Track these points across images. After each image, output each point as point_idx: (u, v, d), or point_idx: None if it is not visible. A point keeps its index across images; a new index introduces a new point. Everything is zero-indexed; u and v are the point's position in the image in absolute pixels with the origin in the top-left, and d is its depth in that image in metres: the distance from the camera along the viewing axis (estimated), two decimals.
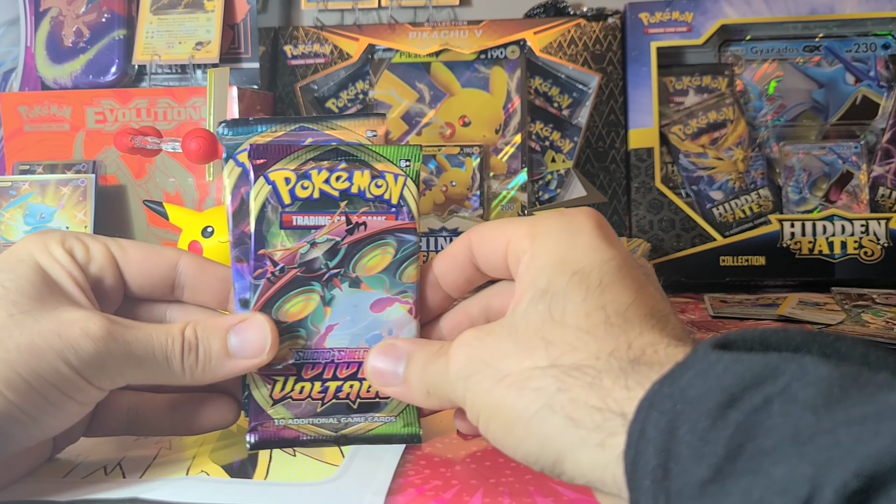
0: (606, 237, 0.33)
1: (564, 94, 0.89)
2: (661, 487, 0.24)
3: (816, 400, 0.22)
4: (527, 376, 0.30)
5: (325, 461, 0.38)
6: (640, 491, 0.25)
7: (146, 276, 0.38)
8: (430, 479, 0.36)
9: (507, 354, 0.31)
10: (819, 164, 0.83)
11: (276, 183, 0.38)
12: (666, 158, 0.86)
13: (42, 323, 0.33)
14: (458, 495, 0.34)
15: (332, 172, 0.38)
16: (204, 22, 0.87)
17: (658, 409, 0.25)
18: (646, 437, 0.25)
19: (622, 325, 0.30)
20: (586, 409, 0.28)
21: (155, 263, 0.39)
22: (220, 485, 0.36)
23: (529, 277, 0.32)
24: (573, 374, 0.29)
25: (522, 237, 0.34)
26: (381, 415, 0.39)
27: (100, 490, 0.35)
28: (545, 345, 0.30)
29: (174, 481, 0.36)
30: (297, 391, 0.39)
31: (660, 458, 0.24)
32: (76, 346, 0.33)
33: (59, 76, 0.88)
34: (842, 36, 0.86)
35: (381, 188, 0.38)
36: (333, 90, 0.92)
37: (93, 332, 0.33)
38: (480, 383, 0.31)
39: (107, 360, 0.34)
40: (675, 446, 0.24)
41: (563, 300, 0.31)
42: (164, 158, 0.82)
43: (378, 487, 0.35)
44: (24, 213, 0.79)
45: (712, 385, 0.24)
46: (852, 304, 0.71)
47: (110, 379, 0.34)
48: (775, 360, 0.24)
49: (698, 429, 0.23)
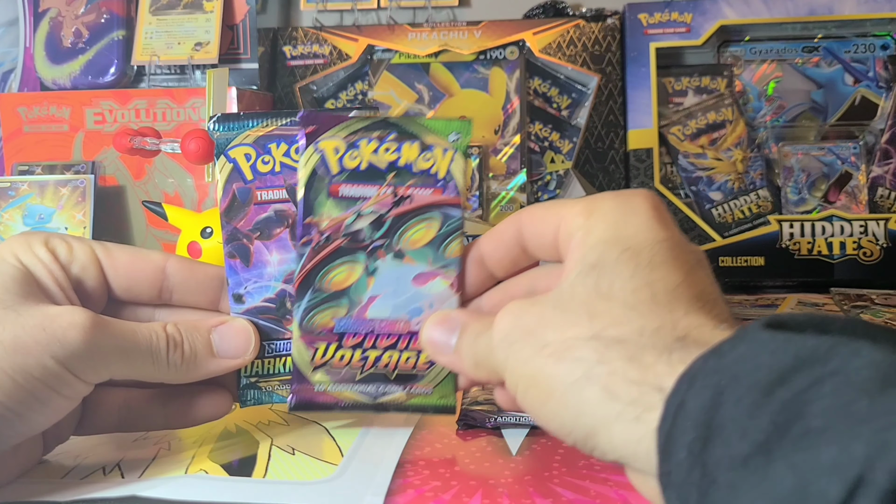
0: (662, 218, 0.33)
1: (563, 94, 0.89)
2: (698, 459, 0.23)
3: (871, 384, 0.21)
4: (568, 346, 0.30)
5: (325, 460, 0.38)
6: (672, 462, 0.24)
7: (131, 279, 0.39)
8: (429, 480, 0.36)
9: (550, 324, 0.31)
10: (818, 165, 0.84)
11: (324, 151, 0.38)
12: (665, 159, 0.86)
13: (25, 318, 0.33)
14: (457, 496, 0.34)
15: (381, 143, 0.38)
16: (203, 23, 0.87)
17: (701, 382, 0.24)
18: (685, 409, 0.24)
19: (669, 303, 0.30)
20: (624, 383, 0.27)
21: (140, 267, 0.39)
22: (220, 483, 0.36)
23: (580, 253, 0.32)
24: (614, 347, 0.28)
25: (576, 215, 0.33)
26: (419, 385, 0.39)
27: (99, 490, 0.35)
28: (589, 317, 0.30)
29: (173, 479, 0.36)
30: (338, 359, 0.39)
31: (699, 431, 0.23)
32: (62, 339, 0.33)
33: (58, 77, 0.88)
34: (841, 37, 0.86)
35: (430, 161, 0.38)
36: (332, 91, 0.92)
37: (79, 322, 0.33)
38: (521, 351, 0.31)
39: (93, 352, 0.34)
40: (717, 420, 0.23)
41: (610, 275, 0.31)
42: (163, 159, 0.82)
43: (377, 488, 0.35)
44: (23, 213, 0.79)
45: (762, 362, 0.23)
46: (851, 304, 0.71)
47: (96, 372, 0.34)
48: (828, 342, 0.23)
49: (744, 404, 0.23)
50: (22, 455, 0.37)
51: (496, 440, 0.41)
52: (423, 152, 0.38)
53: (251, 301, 0.39)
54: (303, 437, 0.42)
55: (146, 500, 0.35)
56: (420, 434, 0.42)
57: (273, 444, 0.41)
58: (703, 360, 0.25)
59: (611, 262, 0.31)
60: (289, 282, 0.39)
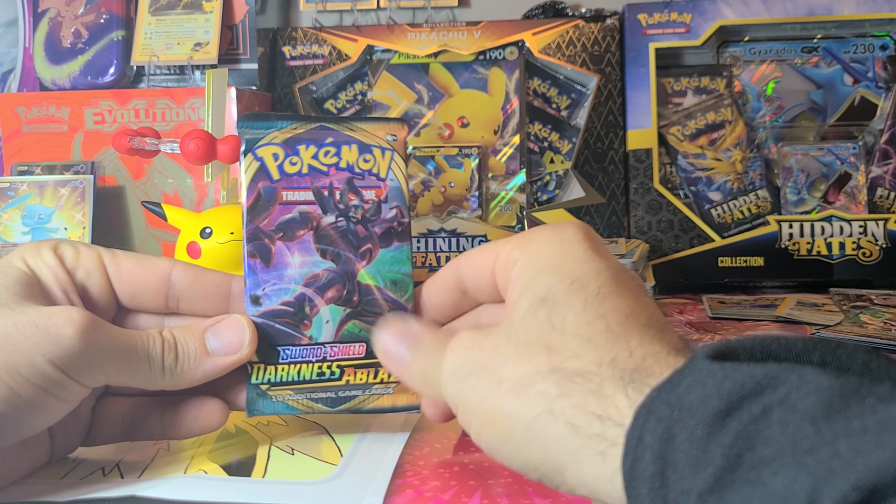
0: (597, 248, 0.33)
1: (563, 94, 0.89)
2: (658, 496, 0.23)
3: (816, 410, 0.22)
4: (527, 381, 0.29)
5: (324, 460, 0.38)
6: (637, 499, 0.24)
7: (136, 286, 0.38)
8: (428, 480, 0.36)
9: (506, 359, 0.30)
10: (817, 165, 0.84)
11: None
12: (664, 159, 0.86)
13: (19, 315, 0.33)
14: (456, 496, 0.34)
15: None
16: (202, 23, 0.87)
17: (655, 415, 0.25)
18: (643, 443, 0.24)
19: (623, 333, 0.29)
20: (587, 416, 0.27)
21: (145, 273, 0.38)
22: (219, 483, 0.36)
23: (524, 283, 0.32)
24: (576, 379, 0.28)
25: (511, 249, 0.34)
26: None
27: (98, 490, 0.35)
28: (547, 351, 0.30)
29: (172, 479, 0.36)
30: None
31: (657, 466, 0.24)
32: (55, 337, 0.32)
33: (57, 77, 0.88)
34: (840, 37, 0.86)
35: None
36: (332, 91, 0.92)
37: (75, 320, 0.33)
38: (476, 387, 0.31)
39: (87, 352, 0.33)
40: (672, 454, 0.23)
41: (562, 308, 0.31)
42: (163, 159, 0.82)
43: (377, 488, 0.35)
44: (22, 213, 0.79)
45: (710, 392, 0.24)
46: (850, 304, 0.71)
47: (90, 373, 0.34)
48: (775, 370, 0.23)
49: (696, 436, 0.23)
50: (25, 459, 0.37)
51: None
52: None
53: (268, 303, 0.38)
54: (302, 438, 0.42)
55: (145, 500, 0.34)
56: (419, 434, 0.42)
57: (272, 444, 0.41)
58: (656, 391, 0.25)
59: (560, 294, 0.31)
60: (309, 285, 0.38)
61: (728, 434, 0.22)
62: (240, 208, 0.39)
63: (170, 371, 0.36)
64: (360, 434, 0.42)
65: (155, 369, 0.36)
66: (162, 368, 0.36)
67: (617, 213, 0.85)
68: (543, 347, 0.30)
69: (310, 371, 0.39)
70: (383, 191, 0.39)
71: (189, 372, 0.37)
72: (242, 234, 0.38)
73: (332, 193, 0.39)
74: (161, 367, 0.36)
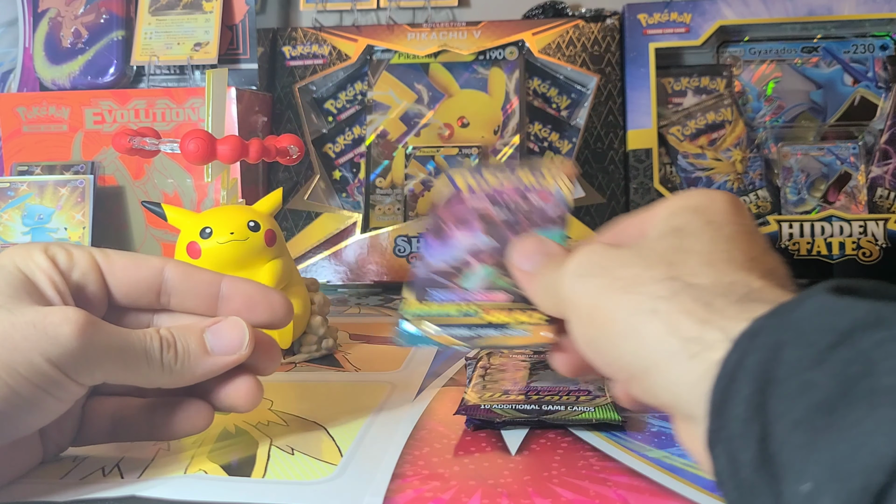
0: (741, 207, 0.34)
1: (563, 94, 0.89)
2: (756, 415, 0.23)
3: None
4: (640, 281, 0.30)
5: (324, 460, 0.38)
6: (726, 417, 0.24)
7: (131, 284, 0.39)
8: (428, 480, 0.36)
9: (626, 263, 0.31)
10: (817, 165, 0.84)
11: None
12: (664, 159, 0.86)
13: (16, 315, 0.33)
14: (456, 496, 0.34)
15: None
16: (202, 23, 0.87)
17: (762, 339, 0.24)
18: (744, 366, 0.24)
19: (746, 269, 0.30)
20: (690, 321, 0.27)
21: (140, 271, 0.39)
22: (219, 483, 0.36)
23: (663, 216, 0.33)
24: (688, 289, 0.29)
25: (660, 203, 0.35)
26: None
27: (98, 490, 0.35)
28: (667, 263, 0.30)
29: (172, 479, 0.36)
30: None
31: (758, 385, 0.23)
32: (54, 336, 0.32)
33: (57, 77, 0.88)
34: (840, 37, 0.86)
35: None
36: (332, 91, 0.92)
37: (73, 319, 0.33)
38: (591, 282, 0.31)
39: (86, 351, 0.33)
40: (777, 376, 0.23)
41: (692, 237, 0.31)
42: (163, 159, 0.82)
43: (377, 488, 0.35)
44: (22, 213, 0.79)
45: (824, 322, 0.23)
46: None
47: (89, 372, 0.34)
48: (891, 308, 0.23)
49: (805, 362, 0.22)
50: (18, 457, 0.37)
51: (495, 440, 0.41)
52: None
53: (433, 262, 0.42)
54: (302, 437, 0.42)
55: (145, 500, 0.34)
56: (419, 434, 0.42)
57: (272, 444, 0.41)
58: (764, 318, 0.25)
59: (694, 228, 0.32)
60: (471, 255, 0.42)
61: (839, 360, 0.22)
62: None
63: (169, 368, 0.36)
64: (360, 434, 0.42)
65: (154, 366, 0.36)
66: (161, 366, 0.36)
67: (617, 213, 0.85)
68: (665, 261, 0.30)
69: (454, 309, 0.40)
70: (549, 197, 0.42)
71: (189, 370, 0.37)
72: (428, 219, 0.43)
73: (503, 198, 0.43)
74: (160, 365, 0.36)
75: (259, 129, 0.88)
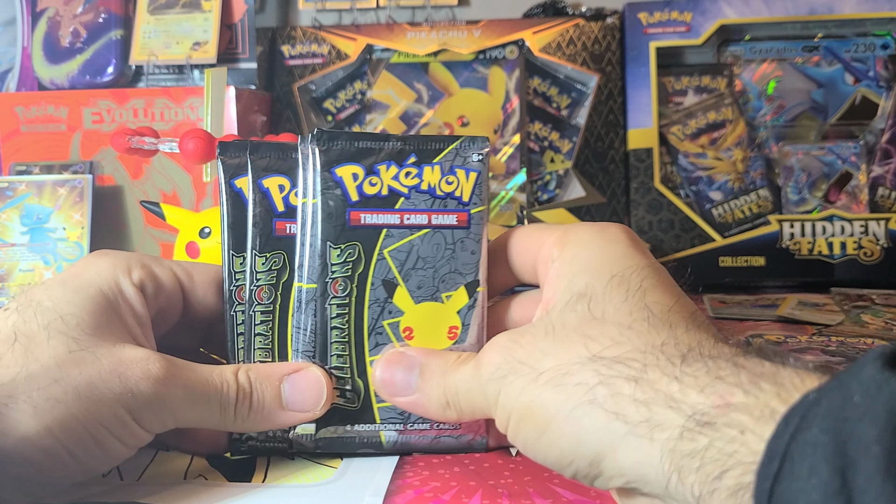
0: (638, 246, 0.33)
1: (563, 94, 0.89)
2: None
3: None
4: (565, 371, 0.28)
5: (324, 463, 0.38)
6: None
7: (209, 297, 0.39)
8: (428, 481, 0.36)
9: (543, 352, 0.30)
10: (818, 165, 0.83)
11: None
12: (665, 158, 0.86)
13: (102, 362, 0.32)
14: (456, 496, 0.34)
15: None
16: (201, 22, 0.86)
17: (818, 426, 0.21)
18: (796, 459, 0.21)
19: (667, 322, 0.29)
20: (631, 403, 0.26)
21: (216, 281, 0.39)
22: (218, 488, 0.36)
23: (563, 282, 0.32)
24: (616, 367, 0.27)
25: (553, 244, 0.33)
26: None
27: (97, 493, 0.35)
28: (585, 340, 0.29)
29: (172, 486, 0.36)
30: None
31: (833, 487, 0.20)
32: (135, 390, 0.32)
33: (55, 76, 0.88)
34: (841, 36, 0.86)
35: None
36: (331, 90, 0.92)
37: (153, 374, 0.33)
38: (514, 383, 0.30)
39: (164, 404, 0.33)
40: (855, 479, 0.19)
41: (602, 301, 0.30)
42: (161, 159, 0.82)
43: (376, 489, 0.35)
44: (20, 213, 0.79)
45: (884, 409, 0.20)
46: (851, 304, 0.71)
47: (162, 422, 0.34)
48: None
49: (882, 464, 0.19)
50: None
51: None
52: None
53: None
54: None
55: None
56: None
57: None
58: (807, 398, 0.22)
59: (600, 288, 0.30)
60: None
61: None
62: None
63: (241, 419, 0.35)
64: None
65: (227, 417, 0.35)
66: (234, 416, 0.35)
67: (617, 212, 0.84)
68: (582, 337, 0.29)
69: None
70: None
71: (261, 423, 0.36)
72: None
73: None
74: (233, 416, 0.35)
75: (258, 128, 0.87)
